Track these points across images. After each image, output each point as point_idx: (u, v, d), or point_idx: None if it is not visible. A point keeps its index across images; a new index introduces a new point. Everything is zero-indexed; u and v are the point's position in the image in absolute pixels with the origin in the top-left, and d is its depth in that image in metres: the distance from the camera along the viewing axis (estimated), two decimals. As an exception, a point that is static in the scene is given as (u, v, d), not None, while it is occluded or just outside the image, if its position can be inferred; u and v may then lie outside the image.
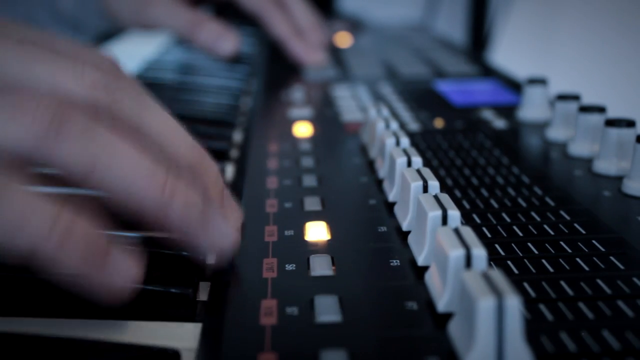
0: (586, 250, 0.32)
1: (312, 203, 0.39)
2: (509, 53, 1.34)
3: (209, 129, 0.56)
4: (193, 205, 0.29)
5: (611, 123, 0.42)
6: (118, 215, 0.29)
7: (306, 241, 0.34)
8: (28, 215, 0.25)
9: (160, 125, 0.31)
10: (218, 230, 0.30)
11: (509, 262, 0.31)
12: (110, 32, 0.90)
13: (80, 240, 0.26)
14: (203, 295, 0.31)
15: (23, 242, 0.25)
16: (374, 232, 0.35)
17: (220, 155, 0.51)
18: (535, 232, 0.34)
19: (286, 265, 0.31)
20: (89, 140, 0.27)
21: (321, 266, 0.31)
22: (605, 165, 0.42)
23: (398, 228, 0.35)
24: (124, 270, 0.27)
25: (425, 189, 0.34)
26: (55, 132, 0.26)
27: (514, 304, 0.22)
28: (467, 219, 0.36)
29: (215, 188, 0.32)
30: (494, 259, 0.31)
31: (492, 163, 0.45)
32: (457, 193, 0.39)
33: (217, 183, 0.33)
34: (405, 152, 0.38)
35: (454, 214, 0.30)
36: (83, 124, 0.27)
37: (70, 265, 0.25)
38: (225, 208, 0.33)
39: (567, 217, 0.36)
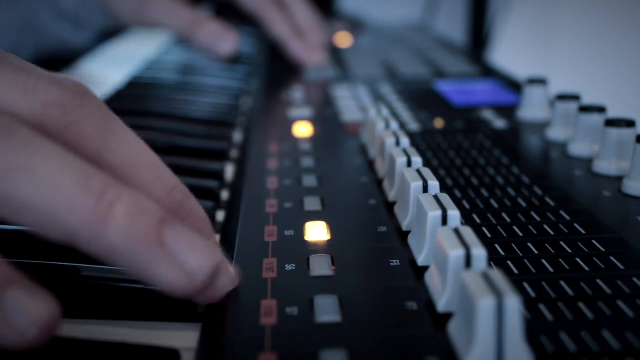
0: (586, 251, 0.32)
1: (312, 203, 0.39)
2: (509, 53, 1.34)
3: (209, 129, 0.56)
4: (141, 223, 0.23)
5: (611, 123, 0.42)
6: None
7: (306, 241, 0.34)
8: None
9: (129, 157, 0.26)
10: (184, 260, 0.24)
11: (509, 262, 0.31)
12: (112, 30, 0.90)
13: None
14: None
15: None
16: (374, 232, 0.35)
17: (220, 155, 0.51)
18: (535, 232, 0.34)
19: (286, 265, 0.31)
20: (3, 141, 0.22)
21: (321, 266, 0.31)
22: (605, 165, 0.42)
23: (398, 228, 0.35)
24: (23, 310, 0.22)
25: (425, 189, 0.34)
26: None
27: (514, 304, 0.22)
28: (467, 219, 0.36)
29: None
30: (494, 259, 0.31)
31: (492, 163, 0.45)
32: (457, 193, 0.39)
33: (204, 232, 0.27)
34: (405, 152, 0.38)
35: (454, 214, 0.30)
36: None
37: None
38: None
39: (567, 217, 0.36)
